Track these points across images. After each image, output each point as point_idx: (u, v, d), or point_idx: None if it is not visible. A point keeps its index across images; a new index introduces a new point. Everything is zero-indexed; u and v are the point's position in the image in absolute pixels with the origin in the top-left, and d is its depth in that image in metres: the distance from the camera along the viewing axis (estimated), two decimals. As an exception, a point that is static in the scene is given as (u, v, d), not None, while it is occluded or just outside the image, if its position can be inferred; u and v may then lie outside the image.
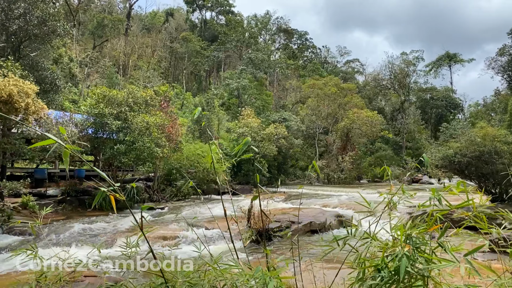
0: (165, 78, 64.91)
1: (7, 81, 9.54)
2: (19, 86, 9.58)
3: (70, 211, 16.52)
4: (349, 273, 2.94)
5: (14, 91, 9.36)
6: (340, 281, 8.45)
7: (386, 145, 45.84)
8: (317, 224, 14.27)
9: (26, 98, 9.77)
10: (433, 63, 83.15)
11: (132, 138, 16.18)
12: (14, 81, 9.70)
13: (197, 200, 21.44)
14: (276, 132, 27.25)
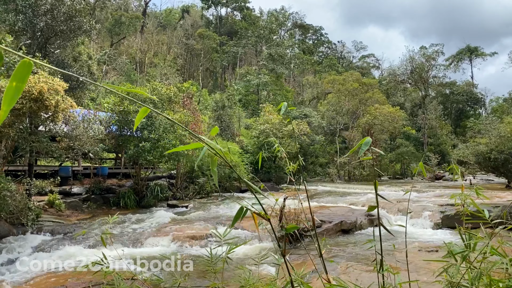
0: (181, 75, 64.90)
1: (37, 78, 9.34)
2: (49, 83, 9.38)
3: (95, 209, 16.41)
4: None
5: (45, 88, 9.16)
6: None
7: (407, 142, 44.93)
8: (348, 224, 13.84)
9: (55, 95, 9.56)
10: (453, 57, 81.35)
11: (157, 136, 15.96)
12: (44, 78, 9.50)
13: (220, 197, 21.17)
14: (299, 128, 26.84)
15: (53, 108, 9.55)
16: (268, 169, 26.48)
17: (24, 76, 0.88)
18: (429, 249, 11.07)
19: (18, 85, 0.88)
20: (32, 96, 9.13)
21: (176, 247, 10.99)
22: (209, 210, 16.87)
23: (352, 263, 9.35)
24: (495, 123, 29.57)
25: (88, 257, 9.70)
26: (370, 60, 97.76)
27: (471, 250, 2.71)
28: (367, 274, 8.69)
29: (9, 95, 0.86)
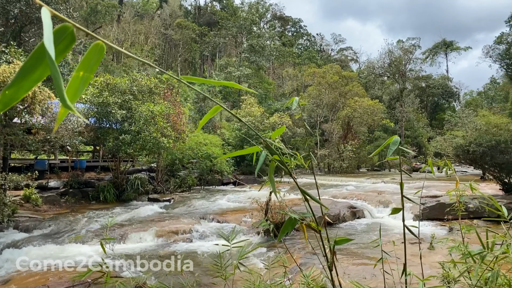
0: (159, 66, 63.70)
1: (12, 68, 8.87)
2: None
3: (73, 203, 15.94)
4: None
5: (20, 79, 8.69)
6: (370, 277, 7.64)
7: (385, 134, 45.60)
8: (331, 216, 13.88)
9: (32, 86, 9.11)
10: (429, 51, 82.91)
11: (137, 128, 15.57)
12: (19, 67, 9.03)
13: (202, 191, 20.94)
14: (281, 121, 26.77)
15: (30, 99, 9.11)
16: (250, 162, 26.34)
17: (95, 63, 0.72)
18: (412, 241, 11.23)
19: (85, 76, 0.71)
20: (7, 87, 8.65)
21: (160, 242, 10.77)
22: (192, 204, 16.61)
23: (339, 256, 9.35)
24: (471, 117, 30.31)
25: (68, 254, 9.38)
26: (348, 53, 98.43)
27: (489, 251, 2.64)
28: (354, 267, 8.73)
29: (73, 88, 0.69)
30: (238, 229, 12.31)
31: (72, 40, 0.74)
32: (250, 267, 9.22)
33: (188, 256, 9.60)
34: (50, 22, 0.65)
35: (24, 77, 0.67)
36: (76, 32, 0.74)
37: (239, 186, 22.91)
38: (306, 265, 8.90)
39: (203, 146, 21.28)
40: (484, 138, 15.53)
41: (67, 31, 0.73)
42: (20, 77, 0.66)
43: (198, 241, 11.06)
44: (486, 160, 15.46)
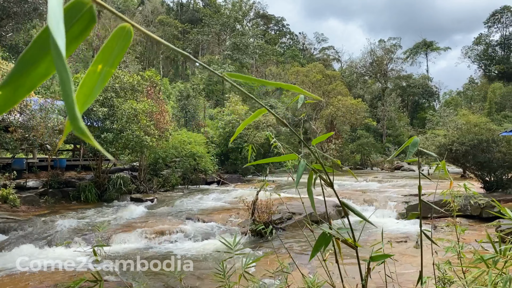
0: (140, 63, 62.80)
1: (-10, 64, 8.49)
2: (3, 69, 8.55)
3: (53, 204, 15.48)
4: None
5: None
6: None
7: (368, 133, 46.06)
8: (318, 215, 13.84)
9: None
10: (410, 50, 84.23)
11: (119, 126, 15.20)
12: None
13: (186, 190, 20.65)
14: (265, 120, 26.66)
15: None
16: (234, 161, 26.13)
17: (119, 53, 0.55)
18: (398, 239, 11.29)
19: (105, 70, 0.54)
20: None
21: (145, 243, 10.52)
22: (176, 204, 16.35)
23: (332, 256, 9.31)
24: (452, 116, 30.83)
25: (49, 257, 9.04)
26: (330, 52, 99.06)
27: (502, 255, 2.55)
28: (343, 266, 8.70)
29: (87, 87, 0.52)
30: (224, 229, 12.18)
31: (92, 21, 0.57)
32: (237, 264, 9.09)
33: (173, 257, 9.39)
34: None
35: (25, 72, 0.48)
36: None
37: (223, 185, 22.69)
38: (294, 266, 8.84)
39: (187, 144, 20.98)
40: (467, 137, 15.76)
41: (84, 7, 0.55)
42: (18, 72, 0.48)
43: (185, 242, 10.85)
44: (468, 158, 15.70)
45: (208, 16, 35.79)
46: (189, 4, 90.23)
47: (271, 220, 11.92)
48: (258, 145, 28.04)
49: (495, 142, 15.35)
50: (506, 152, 14.91)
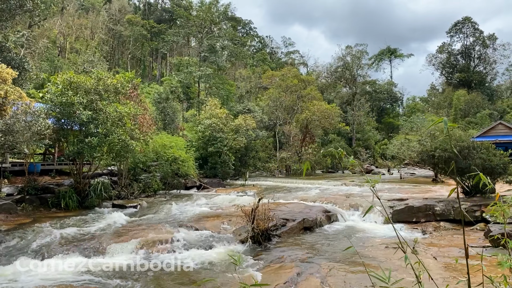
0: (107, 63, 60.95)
1: (-19, 64, 7.86)
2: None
3: (32, 211, 14.61)
4: None
5: (-9, 76, 7.75)
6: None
7: (339, 137, 46.90)
8: (310, 221, 13.86)
9: (4, 84, 8.15)
10: (375, 57, 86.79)
11: (104, 130, 14.59)
12: (-10, 63, 8.04)
13: (167, 195, 20.13)
14: (245, 123, 26.49)
15: (1, 99, 8.14)
16: (214, 165, 25.76)
17: None
18: (394, 245, 11.41)
19: None
20: (-24, 85, 7.68)
21: (142, 254, 10.07)
22: (162, 210, 15.89)
23: (333, 263, 9.28)
24: (424, 122, 31.96)
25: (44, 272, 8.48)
26: (295, 56, 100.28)
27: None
28: (353, 275, 8.67)
29: None
30: (219, 237, 11.91)
31: None
32: (247, 275, 8.93)
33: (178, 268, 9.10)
34: None
35: None
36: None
37: (204, 190, 22.33)
38: (303, 275, 8.73)
39: (168, 148, 20.47)
40: (449, 144, 16.31)
41: None
42: None
43: (183, 252, 10.50)
44: (449, 164, 16.25)
45: (184, 17, 35.10)
46: (157, 4, 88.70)
47: (267, 228, 11.79)
48: (235, 149, 27.85)
49: (475, 149, 15.98)
50: (486, 158, 15.55)
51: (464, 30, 57.81)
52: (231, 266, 9.56)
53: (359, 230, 13.85)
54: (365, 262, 9.59)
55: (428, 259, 9.90)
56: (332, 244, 11.86)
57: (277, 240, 12.08)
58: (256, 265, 9.56)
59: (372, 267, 9.15)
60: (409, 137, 27.66)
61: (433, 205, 15.22)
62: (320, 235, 13.15)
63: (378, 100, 72.75)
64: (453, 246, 11.40)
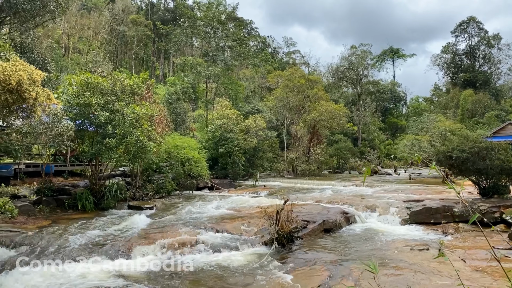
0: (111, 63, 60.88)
1: (13, 66, 7.79)
2: (28, 72, 7.89)
3: (49, 213, 14.54)
4: None
5: (24, 78, 7.68)
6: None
7: (345, 137, 46.84)
8: (330, 223, 13.80)
9: (34, 86, 8.08)
10: (377, 57, 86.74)
11: (122, 131, 14.53)
12: (21, 65, 7.96)
13: (181, 197, 20.06)
14: (256, 124, 26.43)
15: (32, 100, 8.08)
16: (224, 165, 25.70)
17: None
18: (420, 247, 11.33)
19: None
20: (9, 87, 7.61)
21: (168, 256, 10.02)
22: (179, 212, 15.82)
23: (363, 266, 9.20)
24: (434, 122, 31.88)
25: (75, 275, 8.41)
26: (295, 56, 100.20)
27: None
28: (386, 278, 8.58)
29: None
30: (242, 239, 11.84)
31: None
32: (276, 278, 8.86)
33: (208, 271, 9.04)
34: None
35: None
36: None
37: (216, 191, 22.27)
38: (335, 278, 8.66)
39: (181, 149, 20.40)
40: (467, 145, 16.24)
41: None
42: None
43: (209, 254, 10.44)
44: (468, 165, 16.17)
45: (192, 17, 34.99)
46: (159, 4, 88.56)
47: (291, 230, 11.72)
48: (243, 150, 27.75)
49: (493, 150, 15.91)
50: (504, 159, 15.48)
51: (469, 30, 57.81)
52: (259, 268, 9.51)
53: (378, 231, 13.77)
54: (394, 264, 9.54)
55: (457, 262, 9.83)
56: (355, 246, 11.79)
57: (299, 242, 12.00)
58: (284, 267, 9.49)
59: (403, 270, 9.09)
60: (418, 137, 27.58)
61: (451, 206, 15.12)
62: (341, 237, 13.08)
63: (382, 100, 72.66)
64: (478, 248, 11.31)
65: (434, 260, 10.03)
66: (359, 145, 50.27)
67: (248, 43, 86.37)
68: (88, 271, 8.72)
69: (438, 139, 24.26)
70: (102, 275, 8.59)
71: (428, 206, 15.59)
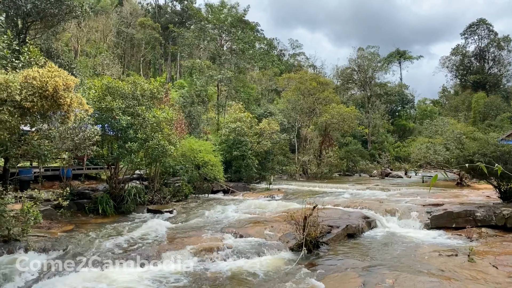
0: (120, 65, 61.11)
1: (49, 72, 7.80)
2: (63, 78, 7.91)
3: (70, 217, 14.55)
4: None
5: (60, 84, 7.69)
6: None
7: (355, 139, 46.65)
8: (353, 228, 13.71)
9: (69, 92, 8.10)
10: (384, 59, 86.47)
11: (144, 135, 14.55)
12: (56, 71, 7.98)
13: (198, 200, 20.03)
14: (270, 127, 26.40)
15: (67, 107, 8.09)
16: (238, 168, 25.69)
17: None
18: (448, 253, 11.20)
19: None
20: (45, 93, 7.63)
21: (197, 261, 9.97)
22: (199, 216, 15.78)
23: (397, 272, 9.10)
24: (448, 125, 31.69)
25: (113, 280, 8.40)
26: (300, 58, 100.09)
27: None
28: (423, 285, 8.48)
29: None
30: (268, 244, 11.78)
31: None
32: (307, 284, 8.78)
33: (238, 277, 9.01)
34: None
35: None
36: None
37: (231, 194, 22.22)
38: (369, 285, 8.57)
39: (197, 153, 20.41)
40: (488, 149, 16.12)
41: None
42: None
43: (236, 259, 10.39)
44: (489, 169, 16.02)
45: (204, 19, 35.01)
46: (166, 7, 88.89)
47: (318, 235, 11.66)
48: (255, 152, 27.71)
49: (516, 153, 15.77)
50: (528, 162, 15.35)
51: (478, 31, 57.61)
52: (289, 275, 9.44)
53: (401, 236, 13.66)
54: (426, 271, 9.44)
55: (489, 268, 9.72)
56: (381, 251, 11.69)
57: (325, 248, 11.91)
58: (315, 274, 9.41)
59: (437, 277, 8.99)
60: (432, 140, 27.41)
61: (474, 211, 14.95)
62: (365, 242, 12.98)
63: (390, 102, 72.39)
64: (508, 254, 11.17)
65: (466, 267, 9.91)
66: (369, 147, 50.06)
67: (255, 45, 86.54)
68: (121, 276, 8.71)
69: (453, 142, 24.06)
70: (136, 279, 8.58)
71: (449, 211, 15.41)
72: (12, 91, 7.31)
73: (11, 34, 9.18)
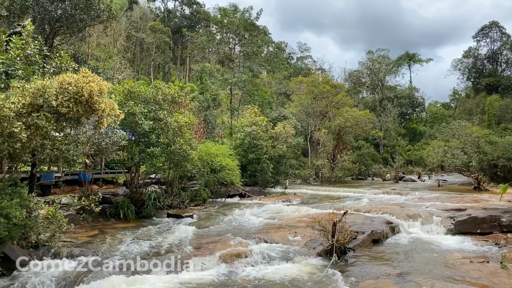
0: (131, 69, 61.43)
1: (84, 77, 7.78)
2: (99, 84, 7.89)
3: (92, 222, 14.51)
4: None
5: (95, 89, 7.66)
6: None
7: (368, 143, 46.37)
8: (378, 233, 13.53)
9: (103, 97, 8.07)
10: (393, 62, 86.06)
11: (166, 140, 14.53)
12: (90, 76, 7.96)
13: (216, 204, 19.97)
14: (285, 131, 26.32)
15: (101, 112, 8.06)
16: (253, 172, 25.62)
17: None
18: (479, 260, 10.99)
19: None
20: (81, 99, 7.60)
21: (225, 268, 9.86)
22: (220, 220, 15.69)
23: (431, 280, 8.92)
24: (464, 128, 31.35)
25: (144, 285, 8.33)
26: (307, 61, 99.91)
27: None
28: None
29: None
30: (294, 250, 11.64)
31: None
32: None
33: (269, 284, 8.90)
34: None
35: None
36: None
37: (247, 198, 22.14)
38: (404, 292, 8.42)
39: (215, 157, 20.36)
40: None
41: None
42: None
43: (265, 265, 10.27)
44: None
45: (218, 23, 35.10)
46: (175, 11, 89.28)
47: (347, 241, 11.51)
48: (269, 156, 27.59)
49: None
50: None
51: (490, 34, 57.16)
52: (322, 282, 9.29)
53: (426, 242, 13.45)
54: (461, 278, 9.25)
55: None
56: (409, 257, 11.51)
57: (352, 254, 11.75)
58: (348, 281, 9.26)
59: (474, 285, 8.80)
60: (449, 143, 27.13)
61: (499, 216, 14.71)
62: (390, 248, 12.79)
63: (400, 105, 72.01)
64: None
65: (500, 274, 9.71)
66: (381, 151, 49.73)
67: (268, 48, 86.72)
68: (151, 281, 8.65)
69: (471, 146, 23.78)
70: (166, 286, 8.51)
71: (473, 216, 15.16)
72: (49, 96, 7.28)
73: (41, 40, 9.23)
